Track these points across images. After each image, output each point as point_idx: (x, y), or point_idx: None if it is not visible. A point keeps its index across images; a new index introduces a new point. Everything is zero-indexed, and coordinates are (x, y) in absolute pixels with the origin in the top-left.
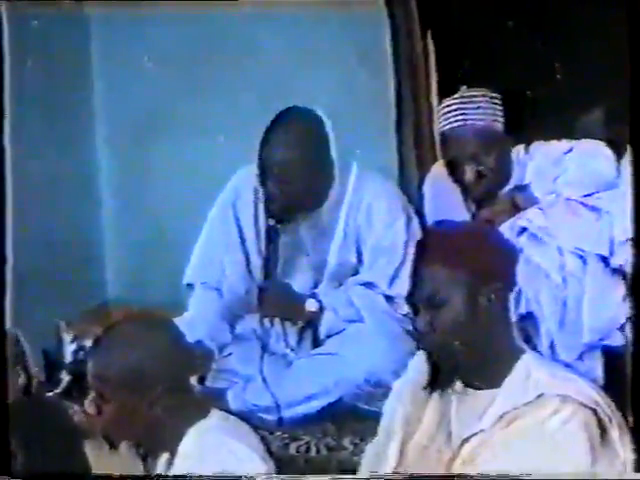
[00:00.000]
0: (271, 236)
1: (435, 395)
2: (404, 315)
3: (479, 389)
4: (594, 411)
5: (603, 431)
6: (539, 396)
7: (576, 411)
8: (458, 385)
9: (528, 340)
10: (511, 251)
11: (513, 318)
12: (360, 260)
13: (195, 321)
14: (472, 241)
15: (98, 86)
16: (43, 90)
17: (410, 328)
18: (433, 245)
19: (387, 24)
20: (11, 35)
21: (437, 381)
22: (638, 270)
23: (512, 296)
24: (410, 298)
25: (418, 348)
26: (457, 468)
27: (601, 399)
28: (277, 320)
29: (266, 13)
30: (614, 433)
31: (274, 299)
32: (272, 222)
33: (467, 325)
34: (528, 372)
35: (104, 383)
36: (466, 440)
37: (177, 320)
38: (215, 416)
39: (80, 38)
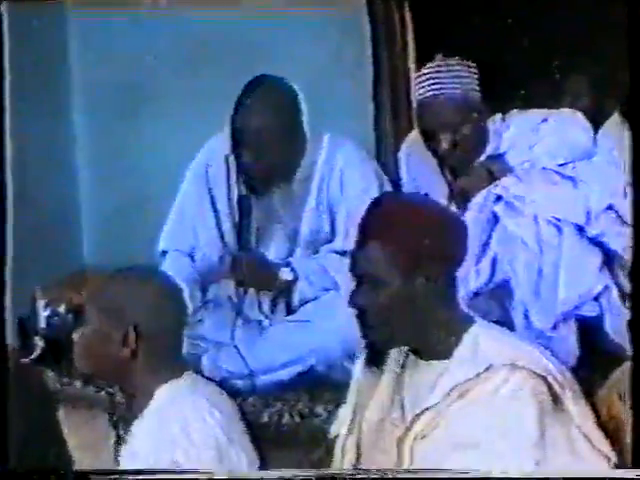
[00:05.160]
0: (244, 205)
1: (388, 367)
2: None
3: (430, 360)
4: (544, 378)
5: (555, 398)
6: (488, 367)
7: (526, 379)
8: (410, 357)
9: (503, 308)
10: (458, 226)
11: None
12: (334, 228)
13: None
14: (413, 218)
15: (75, 54)
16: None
17: None
18: (372, 221)
19: None
20: (11, 35)
21: (373, 355)
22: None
23: (462, 270)
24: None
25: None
26: (409, 443)
27: (552, 365)
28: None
29: None
30: (567, 399)
31: (248, 268)
32: (245, 192)
33: (403, 304)
34: (477, 342)
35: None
36: (419, 415)
37: None
38: (190, 378)
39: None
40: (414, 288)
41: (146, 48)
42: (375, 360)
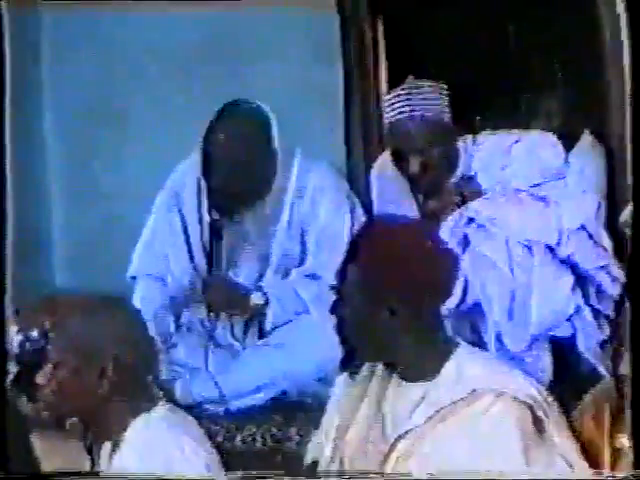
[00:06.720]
0: (215, 229)
1: (372, 386)
2: None
3: (412, 381)
4: (529, 406)
5: (539, 426)
6: (472, 391)
7: (509, 407)
8: (393, 377)
9: (475, 331)
10: (444, 262)
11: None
12: (305, 250)
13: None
14: (390, 250)
15: (46, 71)
16: None
17: None
18: (357, 243)
19: (336, 13)
20: (12, 35)
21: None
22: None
23: (446, 299)
24: None
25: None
26: (392, 463)
27: (537, 393)
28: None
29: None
30: (551, 428)
31: (219, 293)
32: (216, 216)
33: (369, 327)
34: (461, 366)
35: (60, 348)
36: (401, 436)
37: None
38: (163, 408)
39: (30, 23)
40: (378, 318)
41: (118, 66)
42: (352, 368)
